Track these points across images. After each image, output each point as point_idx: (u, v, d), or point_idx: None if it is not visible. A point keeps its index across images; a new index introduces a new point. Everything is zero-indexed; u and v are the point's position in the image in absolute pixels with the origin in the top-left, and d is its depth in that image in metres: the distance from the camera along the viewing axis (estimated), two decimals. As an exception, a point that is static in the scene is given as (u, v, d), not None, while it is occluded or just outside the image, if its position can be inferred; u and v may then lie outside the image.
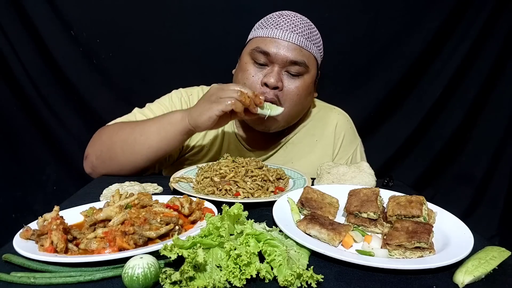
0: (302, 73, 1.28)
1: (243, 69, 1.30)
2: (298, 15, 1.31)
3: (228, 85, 1.19)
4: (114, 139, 1.27)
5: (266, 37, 1.26)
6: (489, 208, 2.52)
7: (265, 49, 1.24)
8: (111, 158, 1.27)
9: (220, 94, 1.15)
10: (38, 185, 2.28)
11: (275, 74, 1.24)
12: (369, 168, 1.19)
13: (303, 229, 0.80)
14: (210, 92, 1.19)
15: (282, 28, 1.25)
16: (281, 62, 1.25)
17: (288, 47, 1.24)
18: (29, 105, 2.16)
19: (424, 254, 0.73)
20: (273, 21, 1.28)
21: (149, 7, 2.09)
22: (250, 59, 1.29)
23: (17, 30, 2.05)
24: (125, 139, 1.25)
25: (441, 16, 2.21)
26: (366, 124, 2.34)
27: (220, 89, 1.17)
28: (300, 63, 1.25)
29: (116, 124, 1.34)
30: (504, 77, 2.36)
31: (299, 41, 1.25)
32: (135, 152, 1.24)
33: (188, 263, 0.62)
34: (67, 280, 0.65)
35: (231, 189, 1.08)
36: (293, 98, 1.29)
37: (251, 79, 1.28)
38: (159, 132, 1.21)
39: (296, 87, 1.28)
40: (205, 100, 1.18)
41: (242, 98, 1.13)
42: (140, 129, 1.24)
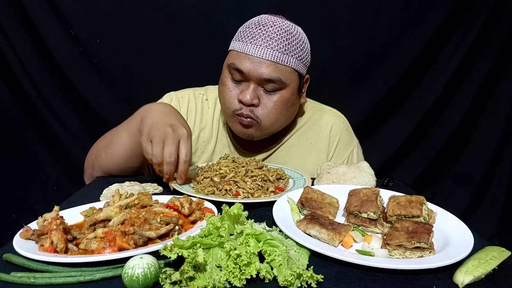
0: (279, 88, 1.24)
1: (222, 83, 1.29)
2: (277, 22, 1.23)
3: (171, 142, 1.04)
4: (98, 148, 1.33)
5: (240, 53, 1.22)
6: (489, 208, 2.51)
7: (239, 67, 1.21)
8: (101, 165, 1.30)
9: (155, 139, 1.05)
10: (38, 185, 2.28)
11: (250, 92, 1.21)
12: (369, 168, 1.19)
13: (303, 229, 0.80)
14: (159, 124, 1.08)
15: (256, 43, 1.19)
16: (255, 79, 1.21)
17: (262, 64, 1.18)
18: (29, 105, 2.16)
19: (424, 254, 0.73)
20: (249, 33, 1.22)
21: (149, 7, 2.08)
22: (228, 73, 1.26)
23: (17, 30, 2.05)
24: (106, 145, 1.29)
25: (441, 16, 2.20)
26: (366, 124, 2.34)
27: (162, 136, 1.05)
28: (275, 80, 1.20)
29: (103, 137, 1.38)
30: (504, 77, 2.35)
31: (274, 56, 1.19)
32: (114, 155, 1.25)
33: (188, 263, 0.62)
34: (67, 280, 0.65)
35: (231, 189, 1.08)
36: (271, 113, 1.25)
37: (229, 94, 1.26)
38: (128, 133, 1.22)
39: (273, 102, 1.24)
40: (158, 120, 1.11)
41: (155, 166, 1.08)
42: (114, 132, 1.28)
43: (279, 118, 1.29)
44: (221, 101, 1.31)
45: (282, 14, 1.34)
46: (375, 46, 2.24)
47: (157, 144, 1.05)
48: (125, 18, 2.09)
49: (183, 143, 1.06)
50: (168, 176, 1.07)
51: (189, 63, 2.16)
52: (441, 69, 2.30)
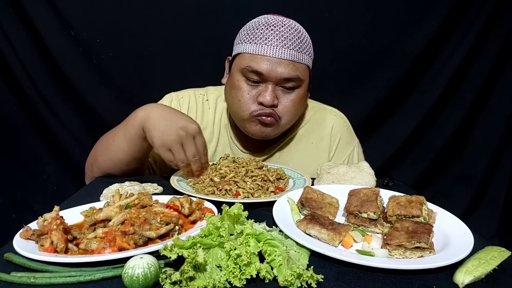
0: (297, 86, 1.26)
1: (236, 87, 1.27)
2: (285, 22, 1.25)
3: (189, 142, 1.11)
4: (96, 151, 1.33)
5: (256, 55, 1.21)
6: (489, 208, 2.52)
7: (257, 69, 1.20)
8: (99, 167, 1.30)
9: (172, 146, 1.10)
10: (38, 185, 2.28)
11: (270, 93, 1.22)
12: (369, 168, 1.19)
13: (303, 229, 0.80)
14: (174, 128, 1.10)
15: (272, 44, 1.20)
16: (275, 80, 1.22)
17: (281, 64, 1.20)
18: (29, 105, 2.16)
19: (424, 254, 0.73)
20: (261, 35, 1.22)
21: (149, 7, 2.08)
22: (242, 76, 1.25)
23: (17, 30, 2.05)
24: (103, 148, 1.29)
25: (441, 16, 2.21)
26: (366, 124, 2.34)
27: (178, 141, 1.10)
28: (294, 78, 1.23)
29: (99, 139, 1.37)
30: (504, 77, 2.35)
31: (291, 55, 1.21)
32: (112, 158, 1.25)
33: (188, 263, 0.62)
34: (67, 280, 0.65)
35: (231, 189, 1.08)
36: (290, 111, 1.28)
37: (246, 96, 1.25)
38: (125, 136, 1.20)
39: (292, 101, 1.27)
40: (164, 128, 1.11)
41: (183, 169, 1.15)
42: (112, 135, 1.26)
43: (296, 115, 1.33)
44: (235, 103, 1.29)
45: (283, 14, 1.34)
46: (375, 46, 2.24)
47: (177, 151, 1.10)
48: (125, 18, 2.09)
49: (198, 139, 1.13)
50: (199, 171, 1.16)
51: (189, 63, 2.16)
52: (441, 69, 2.30)
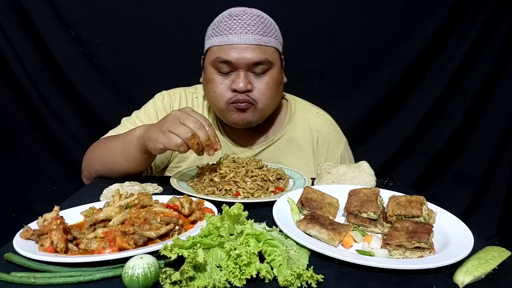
0: (268, 69, 1.28)
1: (209, 80, 1.30)
2: (247, 11, 1.29)
3: (187, 117, 1.06)
4: (93, 156, 1.33)
5: (223, 45, 1.24)
6: (489, 208, 2.51)
7: (225, 58, 1.23)
8: (97, 172, 1.31)
9: (171, 126, 1.05)
10: (38, 185, 2.28)
11: (242, 79, 1.24)
12: (369, 168, 1.19)
13: (303, 229, 0.80)
14: (166, 118, 1.09)
15: (236, 32, 1.23)
16: (244, 66, 1.24)
17: (247, 49, 1.23)
18: (29, 105, 2.16)
19: (424, 254, 0.73)
20: (225, 26, 1.26)
21: (149, 7, 2.08)
22: (214, 69, 1.28)
23: (17, 30, 2.05)
24: (101, 156, 1.28)
25: (441, 16, 2.20)
26: (366, 124, 2.34)
27: (175, 119, 1.06)
28: (263, 61, 1.25)
29: (99, 140, 1.38)
30: (504, 77, 2.35)
31: (256, 40, 1.24)
32: (111, 169, 1.27)
33: (188, 263, 0.62)
34: (67, 280, 0.65)
35: (231, 189, 1.08)
36: (265, 94, 1.29)
37: (220, 87, 1.28)
38: (123, 151, 1.21)
39: (265, 84, 1.29)
40: (158, 125, 1.10)
41: (190, 142, 1.03)
42: (110, 147, 1.26)
43: (273, 98, 1.34)
44: (211, 96, 1.32)
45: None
46: (375, 46, 2.24)
47: (175, 127, 1.04)
48: (125, 18, 2.10)
49: (193, 113, 1.08)
50: (208, 141, 1.06)
51: (189, 63, 2.14)
52: (441, 69, 2.30)
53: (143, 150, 1.16)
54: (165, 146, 1.06)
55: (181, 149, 1.04)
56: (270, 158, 1.44)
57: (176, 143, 1.03)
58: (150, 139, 1.09)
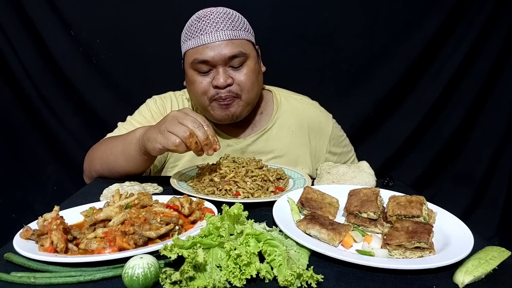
0: (245, 61, 1.31)
1: (191, 82, 1.33)
2: (213, 10, 1.32)
3: (185, 116, 1.07)
4: (94, 157, 1.34)
5: (197, 47, 1.28)
6: (489, 208, 2.51)
7: (202, 58, 1.27)
8: (97, 172, 1.33)
9: (169, 126, 1.06)
10: (38, 185, 2.28)
11: (222, 75, 1.27)
12: (369, 168, 1.19)
13: (303, 229, 0.80)
14: (165, 118, 1.10)
15: (207, 32, 1.27)
16: (221, 62, 1.27)
17: (221, 46, 1.26)
18: (29, 105, 2.16)
19: (424, 254, 0.73)
20: (195, 29, 1.29)
21: (149, 7, 2.09)
22: (193, 71, 1.31)
23: (17, 30, 2.05)
24: (101, 157, 1.30)
25: (441, 16, 2.20)
26: (366, 124, 2.34)
27: (174, 119, 1.07)
28: (238, 54, 1.28)
29: (99, 142, 1.39)
30: (504, 77, 2.35)
31: (227, 35, 1.27)
32: (111, 170, 1.28)
33: (188, 263, 0.62)
34: (67, 280, 0.65)
35: (231, 189, 1.08)
36: (247, 85, 1.32)
37: (201, 86, 1.31)
38: (123, 152, 1.23)
39: (245, 75, 1.31)
40: (156, 126, 1.11)
41: (188, 141, 1.03)
42: (110, 148, 1.28)
43: (254, 88, 1.36)
44: (195, 96, 1.35)
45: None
46: (375, 46, 2.24)
47: (173, 127, 1.05)
48: (125, 18, 2.10)
49: (191, 113, 1.09)
50: (207, 140, 1.06)
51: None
52: (441, 69, 2.30)
53: (143, 151, 1.17)
54: (164, 146, 1.06)
55: (179, 149, 1.04)
56: (264, 147, 1.46)
57: (174, 142, 1.03)
58: (149, 140, 1.10)
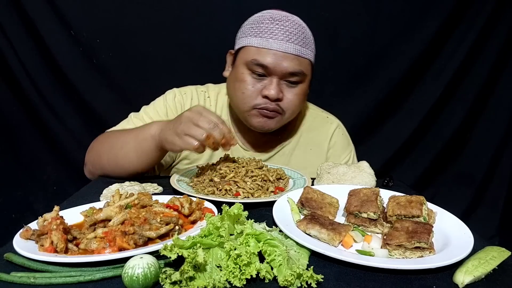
0: (301, 81, 1.27)
1: (240, 79, 1.27)
2: (289, 17, 1.27)
3: (199, 118, 1.06)
4: (101, 151, 1.29)
5: (261, 48, 1.22)
6: (489, 208, 2.52)
7: (263, 62, 1.21)
8: (102, 168, 1.28)
9: (186, 129, 1.05)
10: (38, 185, 2.28)
11: (275, 87, 1.23)
12: (369, 168, 1.19)
13: (303, 229, 0.80)
14: (179, 119, 1.09)
15: (278, 38, 1.21)
16: (280, 74, 1.23)
17: (286, 58, 1.21)
18: (29, 105, 2.16)
19: (424, 254, 0.73)
20: (266, 28, 1.23)
21: (149, 7, 2.09)
22: (247, 69, 1.25)
23: (17, 30, 2.05)
24: (109, 151, 1.25)
25: (441, 16, 2.21)
26: (366, 124, 2.34)
27: (188, 121, 1.06)
28: (299, 73, 1.24)
29: (106, 134, 1.34)
30: (504, 77, 2.36)
31: (296, 50, 1.22)
32: (119, 165, 1.24)
33: (188, 263, 0.62)
34: (67, 280, 0.65)
35: (231, 189, 1.08)
36: (294, 105, 1.29)
37: (250, 89, 1.25)
38: (136, 148, 1.19)
39: (295, 95, 1.28)
40: (172, 127, 1.09)
41: (206, 143, 1.05)
42: (121, 142, 1.23)
43: (298, 110, 1.35)
44: (238, 95, 1.29)
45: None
46: (375, 46, 2.25)
47: (189, 129, 1.04)
48: (125, 18, 2.10)
49: (206, 112, 1.07)
50: (223, 139, 1.06)
51: (189, 63, 2.16)
52: (441, 69, 2.30)
53: (159, 148, 1.16)
54: (182, 149, 1.09)
55: (198, 151, 1.07)
56: (278, 162, 1.44)
57: (193, 145, 1.04)
58: (167, 142, 1.10)
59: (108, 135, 1.32)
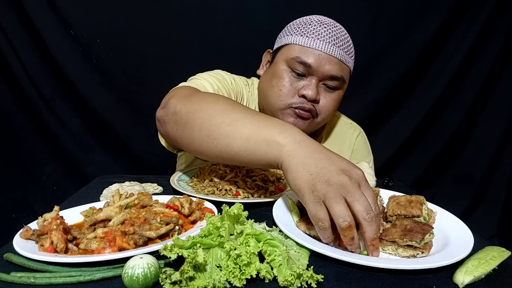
0: (339, 87, 1.26)
1: (278, 76, 1.24)
2: (336, 24, 1.27)
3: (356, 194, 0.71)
4: (203, 105, 0.95)
5: (307, 47, 1.20)
6: (489, 208, 2.52)
7: (306, 61, 1.19)
8: (186, 124, 0.96)
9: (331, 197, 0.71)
10: (38, 185, 2.28)
11: (313, 87, 1.20)
12: (369, 168, 1.19)
13: (303, 229, 0.80)
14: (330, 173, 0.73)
15: (325, 40, 1.19)
16: (321, 75, 1.21)
17: (330, 61, 1.20)
18: (29, 105, 2.16)
19: (416, 253, 0.73)
20: (313, 30, 1.21)
21: (149, 7, 2.09)
22: (287, 67, 1.23)
23: (17, 30, 2.05)
24: (213, 114, 0.92)
25: (441, 16, 2.21)
26: (366, 124, 2.32)
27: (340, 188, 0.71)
28: (339, 78, 1.23)
29: (214, 94, 1.08)
30: (504, 77, 2.36)
31: (341, 55, 1.21)
32: (212, 138, 0.90)
33: (188, 263, 0.62)
34: (67, 280, 0.65)
35: (231, 189, 1.08)
36: (329, 110, 1.27)
37: (288, 87, 1.22)
38: (248, 139, 0.85)
39: (332, 100, 1.26)
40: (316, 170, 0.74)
41: (342, 234, 0.71)
42: (232, 118, 0.89)
43: (331, 116, 1.32)
44: (274, 91, 1.24)
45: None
46: (375, 46, 2.25)
47: (337, 203, 0.70)
48: (125, 18, 2.10)
49: (366, 189, 0.74)
50: (373, 241, 0.72)
51: (189, 63, 2.16)
52: (441, 69, 2.31)
53: (275, 165, 0.82)
54: (304, 204, 0.76)
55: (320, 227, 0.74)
56: None
57: (317, 220, 0.73)
58: (295, 180, 0.76)
59: (221, 97, 1.01)
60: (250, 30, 2.09)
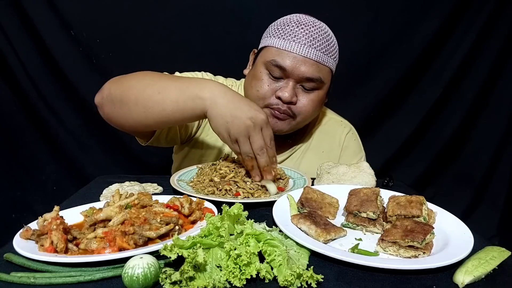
0: (317, 88, 1.27)
1: (257, 78, 1.27)
2: (316, 23, 1.26)
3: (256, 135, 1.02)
4: (133, 83, 1.12)
5: (282, 50, 1.21)
6: (489, 208, 2.52)
7: (281, 64, 1.21)
8: (121, 102, 1.10)
9: (240, 137, 1.01)
10: (38, 185, 2.28)
11: (290, 89, 1.22)
12: (369, 168, 1.19)
13: (295, 222, 0.82)
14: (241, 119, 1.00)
15: (300, 42, 1.20)
16: (296, 77, 1.22)
17: (305, 63, 1.20)
18: (29, 105, 2.16)
19: (417, 254, 0.73)
20: (290, 31, 1.22)
21: (149, 7, 2.09)
22: (265, 69, 1.25)
23: (17, 30, 2.05)
24: (142, 90, 1.07)
25: (441, 16, 2.21)
26: (366, 124, 2.34)
27: (246, 130, 1.00)
28: (316, 79, 1.23)
29: (144, 72, 1.17)
30: (504, 77, 2.36)
31: (317, 56, 1.21)
32: (147, 108, 1.06)
33: (188, 263, 0.62)
34: (67, 280, 0.65)
35: (231, 189, 1.08)
36: (308, 111, 1.28)
37: (266, 88, 1.25)
38: (177, 101, 1.04)
39: (310, 101, 1.27)
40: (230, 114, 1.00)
41: (248, 163, 1.06)
42: (160, 87, 1.06)
43: (312, 116, 1.34)
44: (253, 93, 1.28)
45: (282, 14, 1.34)
46: (375, 46, 2.25)
47: (244, 143, 1.02)
48: (125, 18, 2.10)
49: (265, 130, 1.03)
50: (266, 167, 1.06)
51: (189, 63, 2.15)
52: (441, 69, 2.31)
53: (201, 114, 1.04)
54: (225, 143, 1.06)
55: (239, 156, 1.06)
56: (288, 164, 1.44)
57: (237, 154, 1.06)
58: (216, 127, 1.02)
59: (147, 73, 1.16)
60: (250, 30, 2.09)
